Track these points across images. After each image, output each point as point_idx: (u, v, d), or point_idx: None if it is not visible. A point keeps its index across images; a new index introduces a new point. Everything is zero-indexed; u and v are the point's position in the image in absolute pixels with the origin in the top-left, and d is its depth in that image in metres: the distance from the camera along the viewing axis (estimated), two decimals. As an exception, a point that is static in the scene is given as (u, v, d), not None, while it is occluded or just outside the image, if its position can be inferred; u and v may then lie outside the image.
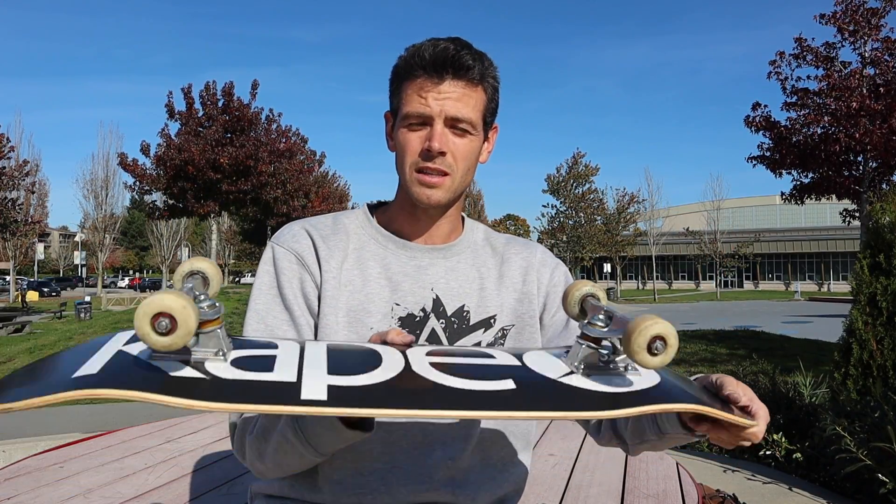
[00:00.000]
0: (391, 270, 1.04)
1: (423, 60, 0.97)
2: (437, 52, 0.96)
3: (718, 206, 41.81)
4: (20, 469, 2.02)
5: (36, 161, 29.62)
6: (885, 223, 3.57)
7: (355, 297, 1.01)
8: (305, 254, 1.02)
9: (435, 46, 0.97)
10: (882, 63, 13.16)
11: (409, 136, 0.99)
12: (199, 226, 51.68)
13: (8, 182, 22.09)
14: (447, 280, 1.06)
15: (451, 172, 1.00)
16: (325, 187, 30.08)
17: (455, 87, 0.97)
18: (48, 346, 11.61)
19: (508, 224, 65.93)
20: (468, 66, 0.97)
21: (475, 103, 0.99)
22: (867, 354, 3.38)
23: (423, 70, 0.97)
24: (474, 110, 0.99)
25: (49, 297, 36.46)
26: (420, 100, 0.97)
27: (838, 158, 13.62)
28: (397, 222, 1.08)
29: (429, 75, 0.97)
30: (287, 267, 1.01)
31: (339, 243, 1.04)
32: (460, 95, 0.98)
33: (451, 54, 0.96)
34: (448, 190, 1.01)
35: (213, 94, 19.73)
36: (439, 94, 0.97)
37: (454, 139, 0.99)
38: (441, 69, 0.96)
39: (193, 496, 1.79)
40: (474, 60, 0.98)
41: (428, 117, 0.97)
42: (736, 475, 3.01)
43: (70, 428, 5.51)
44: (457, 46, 0.98)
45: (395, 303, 1.02)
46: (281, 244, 1.04)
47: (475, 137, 1.01)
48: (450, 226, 1.09)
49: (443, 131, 0.98)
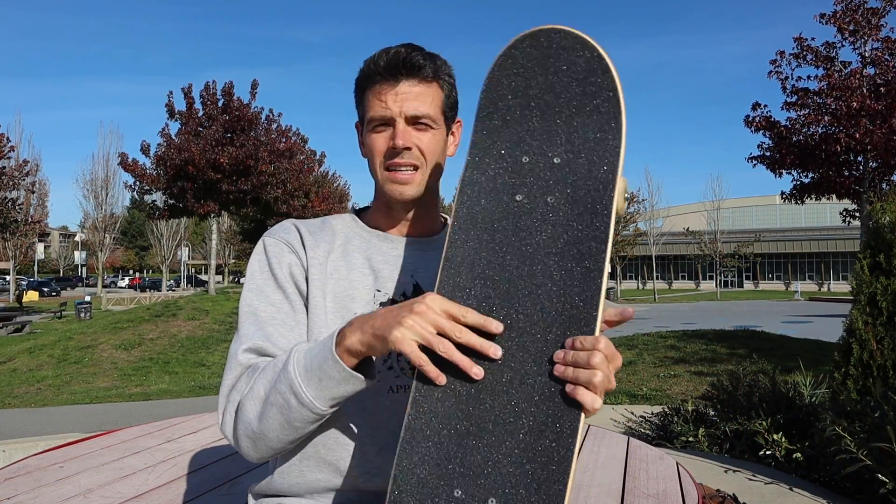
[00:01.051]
0: (374, 260, 1.11)
1: (379, 66, 1.04)
2: (390, 57, 1.03)
3: (718, 206, 41.83)
4: (20, 469, 2.02)
5: (36, 161, 29.65)
6: (885, 223, 3.57)
7: (340, 284, 1.08)
8: (293, 242, 1.08)
9: (388, 52, 1.04)
10: (882, 63, 13.16)
11: (375, 139, 1.07)
12: (199, 226, 51.70)
13: (8, 182, 22.08)
14: (427, 270, 1.11)
15: (420, 166, 1.06)
16: (325, 187, 30.09)
17: (411, 87, 1.04)
18: (48, 345, 11.61)
19: (508, 224, 65.93)
20: (420, 65, 1.04)
21: (432, 99, 1.06)
22: (867, 354, 3.38)
23: (379, 75, 1.04)
24: (432, 106, 1.06)
25: (49, 296, 36.45)
26: (380, 103, 1.04)
27: (838, 158, 13.61)
28: (376, 219, 1.15)
29: (385, 79, 1.04)
30: (277, 252, 1.08)
31: (325, 237, 1.11)
32: (417, 94, 1.04)
33: (402, 57, 1.03)
34: (419, 184, 1.07)
35: (214, 94, 19.71)
36: (397, 95, 1.04)
37: (417, 135, 1.05)
38: (395, 71, 1.03)
39: (193, 496, 1.79)
40: (425, 60, 1.05)
41: (389, 118, 1.04)
42: (736, 475, 3.01)
43: (70, 428, 5.52)
44: (408, 49, 1.05)
45: (377, 289, 1.08)
46: (271, 235, 1.11)
47: (437, 131, 1.08)
48: (427, 219, 1.16)
49: (405, 129, 1.04)
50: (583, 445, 2.34)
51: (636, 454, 2.20)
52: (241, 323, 1.04)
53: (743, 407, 3.75)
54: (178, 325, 13.21)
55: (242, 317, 1.04)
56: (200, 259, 59.01)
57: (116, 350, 11.19)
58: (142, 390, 8.45)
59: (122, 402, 7.47)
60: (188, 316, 13.73)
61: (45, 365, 10.25)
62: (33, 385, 8.98)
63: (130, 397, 7.80)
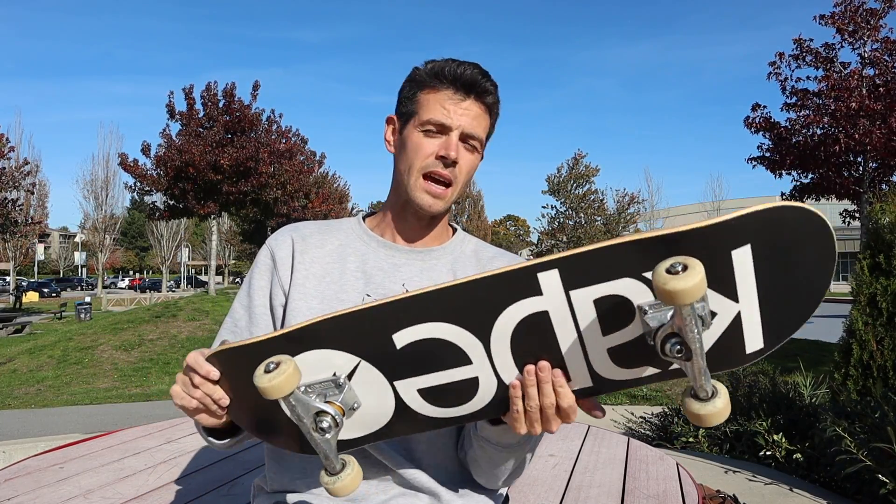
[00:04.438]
0: (368, 265, 1.11)
1: (453, 76, 1.06)
2: (465, 72, 1.06)
3: (719, 207, 41.88)
4: (20, 470, 2.02)
5: (36, 162, 29.62)
6: (884, 224, 3.57)
7: (331, 286, 1.09)
8: (283, 254, 1.11)
9: (461, 66, 1.06)
10: (881, 63, 13.17)
11: (423, 141, 1.07)
12: (199, 226, 51.68)
13: (8, 182, 22.06)
14: (420, 279, 1.11)
15: (454, 183, 1.08)
16: (325, 188, 30.07)
17: (474, 107, 1.07)
18: (48, 346, 11.61)
19: (508, 224, 65.92)
20: (489, 91, 1.08)
21: (485, 125, 1.10)
22: (867, 355, 3.38)
23: (451, 84, 1.06)
24: (483, 130, 1.10)
25: (49, 297, 36.46)
26: (443, 110, 1.05)
27: (838, 159, 13.61)
28: (383, 226, 1.16)
29: (456, 90, 1.06)
30: (263, 262, 1.13)
31: (320, 240, 1.13)
32: (477, 115, 1.08)
33: (478, 78, 1.06)
34: (449, 200, 1.10)
35: (214, 95, 19.70)
36: (462, 110, 1.06)
37: (464, 153, 1.08)
38: (468, 88, 1.06)
39: (193, 497, 1.79)
40: (493, 87, 1.09)
41: (447, 127, 1.06)
42: (736, 476, 3.01)
43: (70, 429, 5.52)
44: (482, 72, 1.08)
45: (367, 294, 1.09)
46: (268, 243, 1.15)
47: (478, 155, 1.11)
48: (438, 231, 1.17)
49: (458, 143, 1.06)
50: (583, 446, 2.34)
51: (636, 455, 2.20)
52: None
53: (743, 407, 3.75)
54: (178, 325, 13.20)
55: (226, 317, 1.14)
56: (200, 260, 59.00)
57: (116, 351, 11.19)
58: (142, 391, 8.44)
59: (122, 402, 7.47)
60: (188, 317, 13.72)
61: (45, 366, 10.24)
62: (33, 386, 8.97)
63: (130, 398, 7.80)
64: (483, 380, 0.84)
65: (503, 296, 0.78)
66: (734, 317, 0.76)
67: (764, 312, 0.76)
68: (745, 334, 0.78)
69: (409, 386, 0.85)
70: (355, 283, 1.09)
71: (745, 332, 0.77)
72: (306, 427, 0.80)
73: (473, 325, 0.80)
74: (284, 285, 1.09)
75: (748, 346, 0.78)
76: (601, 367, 0.81)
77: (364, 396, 0.86)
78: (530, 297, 0.77)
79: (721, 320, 0.76)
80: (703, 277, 0.63)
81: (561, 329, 0.79)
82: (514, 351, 0.81)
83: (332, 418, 0.80)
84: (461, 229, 1.22)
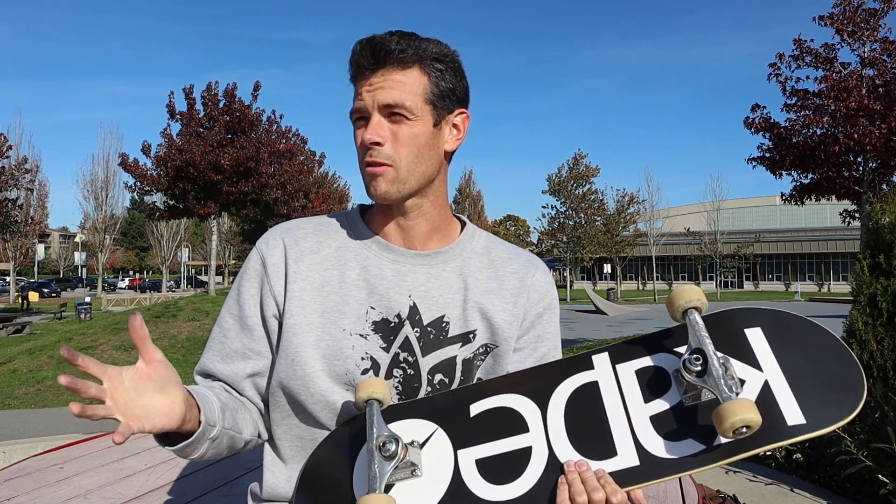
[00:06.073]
0: (370, 273, 1.01)
1: (356, 57, 0.97)
2: (363, 47, 0.96)
3: (719, 207, 41.83)
4: (20, 470, 2.02)
5: (36, 162, 29.59)
6: (885, 224, 3.57)
7: (331, 297, 1.00)
8: (274, 261, 1.02)
9: (363, 41, 0.96)
10: (881, 64, 13.16)
11: (356, 133, 0.99)
12: (199, 226, 51.69)
13: (7, 180, 22.04)
14: (427, 288, 1.02)
15: (392, 163, 0.96)
16: (325, 188, 30.08)
17: (385, 76, 0.95)
18: (48, 346, 11.61)
19: (508, 225, 65.88)
20: (391, 50, 0.94)
21: (409, 87, 0.95)
22: (867, 355, 3.37)
23: (357, 67, 0.97)
24: (409, 94, 0.95)
25: (49, 297, 36.45)
26: (357, 96, 0.97)
27: (838, 159, 13.60)
28: (378, 223, 1.06)
29: (361, 71, 0.97)
30: (252, 268, 1.04)
31: (316, 243, 1.04)
32: (392, 82, 0.95)
33: (375, 43, 0.95)
34: (393, 180, 0.96)
35: (215, 95, 19.69)
36: (370, 86, 0.96)
37: (391, 126, 0.96)
38: (374, 60, 0.95)
39: (193, 497, 1.79)
40: (399, 44, 0.95)
41: (364, 111, 0.96)
42: (737, 476, 3.01)
43: (70, 429, 5.52)
44: (384, 36, 0.96)
45: (371, 306, 1.00)
46: (257, 247, 1.06)
47: (416, 122, 0.96)
48: (428, 225, 1.04)
49: (378, 122, 0.95)
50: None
51: (636, 455, 2.19)
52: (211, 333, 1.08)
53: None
54: (178, 325, 13.20)
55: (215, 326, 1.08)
56: (200, 260, 59.02)
57: (116, 351, 11.19)
58: (142, 391, 8.43)
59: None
60: (188, 317, 13.72)
61: (45, 366, 10.24)
62: (33, 386, 8.97)
63: (130, 398, 7.79)
64: (536, 450, 0.89)
65: (564, 371, 0.96)
66: (763, 384, 0.86)
67: (793, 387, 0.85)
68: (781, 404, 0.84)
69: (469, 456, 0.90)
70: (357, 294, 1.00)
71: (780, 402, 0.84)
72: (372, 445, 0.85)
73: (536, 394, 0.94)
74: (277, 296, 1.00)
75: (787, 417, 0.83)
76: (644, 437, 0.87)
77: (426, 467, 0.90)
78: (584, 370, 0.95)
79: (751, 385, 0.86)
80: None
81: (608, 396, 0.91)
82: (567, 419, 0.91)
83: (397, 443, 0.86)
84: (468, 222, 1.11)
